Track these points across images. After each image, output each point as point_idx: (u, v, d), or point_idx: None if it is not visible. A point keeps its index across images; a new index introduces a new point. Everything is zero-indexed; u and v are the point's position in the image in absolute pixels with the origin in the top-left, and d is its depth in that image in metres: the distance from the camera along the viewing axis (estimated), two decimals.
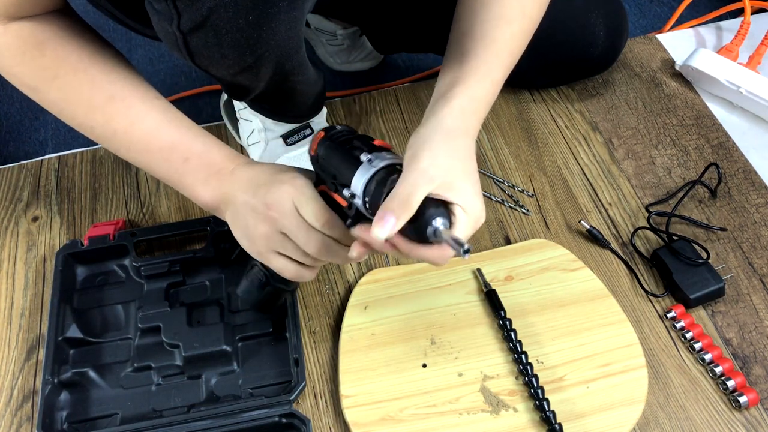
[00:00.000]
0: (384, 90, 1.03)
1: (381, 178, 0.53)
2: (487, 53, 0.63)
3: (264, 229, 0.60)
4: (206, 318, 0.78)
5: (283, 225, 0.59)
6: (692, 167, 0.89)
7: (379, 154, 0.55)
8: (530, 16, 0.65)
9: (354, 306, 0.77)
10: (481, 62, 0.62)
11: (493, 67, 0.63)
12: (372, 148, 0.56)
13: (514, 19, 0.64)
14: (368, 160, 0.54)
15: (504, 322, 0.73)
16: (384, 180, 0.53)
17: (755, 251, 0.81)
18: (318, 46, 1.13)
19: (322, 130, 0.60)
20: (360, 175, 0.54)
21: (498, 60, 0.63)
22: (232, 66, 0.60)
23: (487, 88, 0.62)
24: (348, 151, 0.56)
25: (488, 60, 0.63)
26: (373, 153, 0.55)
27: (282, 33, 0.58)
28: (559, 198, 0.88)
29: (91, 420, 0.72)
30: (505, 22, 0.64)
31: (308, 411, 0.72)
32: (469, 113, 0.60)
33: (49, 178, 0.94)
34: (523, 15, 0.64)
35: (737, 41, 0.99)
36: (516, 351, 0.71)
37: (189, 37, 0.55)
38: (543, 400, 0.67)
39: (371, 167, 0.54)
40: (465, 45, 0.64)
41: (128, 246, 0.81)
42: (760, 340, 0.74)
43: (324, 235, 0.58)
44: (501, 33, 0.63)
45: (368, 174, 0.54)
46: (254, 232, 0.61)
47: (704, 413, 0.70)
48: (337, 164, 0.57)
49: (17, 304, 0.82)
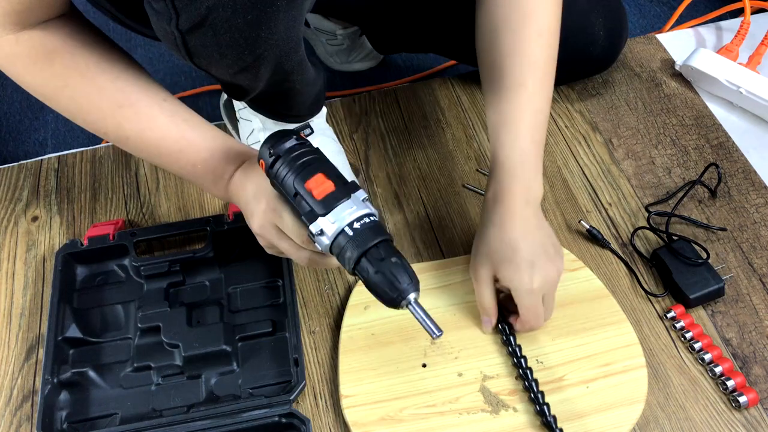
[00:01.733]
0: (384, 90, 1.03)
1: (340, 250, 0.54)
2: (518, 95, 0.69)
3: (260, 241, 0.65)
4: (206, 318, 0.78)
5: (275, 245, 0.63)
6: (692, 167, 0.89)
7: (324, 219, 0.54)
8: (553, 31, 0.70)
9: (354, 306, 0.77)
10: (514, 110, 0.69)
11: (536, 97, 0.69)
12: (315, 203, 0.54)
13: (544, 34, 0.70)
14: (318, 231, 0.54)
15: (503, 327, 0.73)
16: (344, 255, 0.54)
17: (755, 251, 0.81)
18: (318, 45, 1.13)
19: (261, 159, 0.58)
20: (320, 243, 0.55)
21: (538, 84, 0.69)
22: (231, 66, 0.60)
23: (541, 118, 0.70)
24: (296, 205, 0.56)
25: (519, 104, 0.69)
26: (320, 217, 0.54)
27: (281, 33, 0.58)
28: (558, 198, 0.88)
29: (90, 420, 0.72)
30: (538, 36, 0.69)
31: (308, 411, 0.72)
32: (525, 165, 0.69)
33: (48, 178, 0.94)
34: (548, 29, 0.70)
35: (737, 41, 0.99)
36: (515, 355, 0.71)
37: (188, 36, 0.56)
38: (543, 404, 0.67)
39: (324, 238, 0.54)
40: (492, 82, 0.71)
41: (128, 246, 0.81)
42: (760, 340, 0.74)
43: (310, 251, 0.60)
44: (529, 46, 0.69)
45: (325, 243, 0.54)
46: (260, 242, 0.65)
47: (704, 413, 0.70)
48: (294, 210, 0.57)
49: (17, 303, 0.82)
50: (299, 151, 0.56)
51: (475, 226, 0.85)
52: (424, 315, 0.54)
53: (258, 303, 0.79)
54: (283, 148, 0.56)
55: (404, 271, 0.53)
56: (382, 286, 0.53)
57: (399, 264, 0.53)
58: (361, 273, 0.54)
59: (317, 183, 0.54)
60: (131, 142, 0.66)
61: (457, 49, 0.97)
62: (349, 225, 0.53)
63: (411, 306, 0.54)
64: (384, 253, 0.53)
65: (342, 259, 0.55)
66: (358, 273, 0.54)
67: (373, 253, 0.53)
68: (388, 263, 0.53)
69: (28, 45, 0.60)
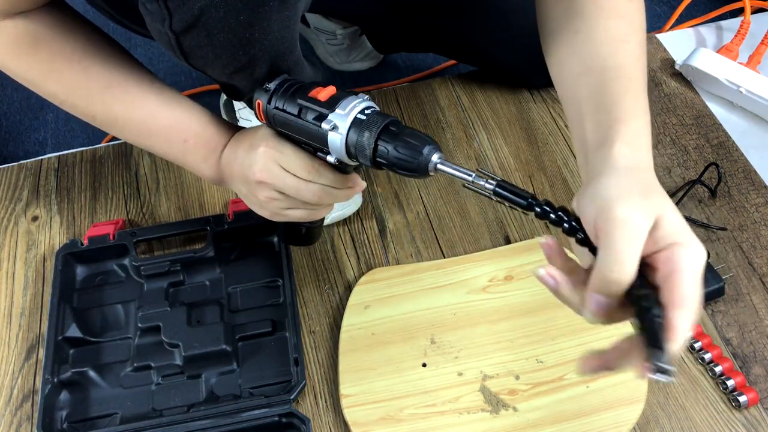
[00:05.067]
0: (384, 90, 1.03)
1: (356, 141, 0.54)
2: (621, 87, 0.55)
3: (264, 194, 0.63)
4: (206, 318, 0.78)
5: (278, 186, 0.62)
6: (692, 167, 0.89)
7: (335, 112, 0.55)
8: (639, 25, 0.60)
9: (354, 305, 0.77)
10: (620, 101, 0.54)
11: (636, 103, 0.55)
12: (321, 104, 0.56)
13: (629, 36, 0.58)
14: (332, 127, 0.55)
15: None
16: (362, 141, 0.54)
17: (755, 251, 0.81)
18: (318, 45, 1.13)
19: (257, 99, 0.60)
20: (334, 146, 0.56)
21: (635, 90, 0.55)
22: (227, 66, 0.60)
23: (642, 127, 0.53)
24: (298, 119, 0.57)
25: (627, 96, 0.54)
26: (330, 113, 0.55)
27: (275, 33, 0.58)
28: (559, 198, 0.88)
29: (90, 419, 0.72)
30: (622, 43, 0.57)
31: (308, 411, 0.72)
32: (641, 148, 0.52)
33: (48, 178, 0.94)
34: (633, 28, 0.59)
35: (737, 41, 0.99)
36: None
37: (181, 37, 0.56)
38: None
39: (338, 134, 0.55)
40: (590, 84, 0.57)
41: (128, 245, 0.81)
42: (760, 339, 0.74)
43: (321, 185, 0.61)
44: (623, 57, 0.56)
45: (339, 143, 0.55)
46: (257, 200, 0.65)
47: (704, 413, 0.70)
48: (300, 134, 0.59)
49: (17, 303, 0.82)
50: (293, 80, 0.60)
51: (475, 225, 0.85)
52: (454, 170, 0.51)
53: (258, 303, 0.79)
54: (279, 80, 0.60)
55: (422, 137, 0.53)
56: (406, 158, 0.52)
57: (414, 133, 0.53)
58: (382, 156, 0.53)
59: (319, 91, 0.56)
60: (119, 123, 0.66)
61: (457, 49, 0.97)
62: (361, 112, 0.55)
63: (438, 167, 0.52)
64: (397, 129, 0.54)
65: (360, 149, 0.54)
66: (379, 157, 0.54)
67: (388, 132, 0.53)
68: (403, 136, 0.53)
69: (12, 32, 0.61)
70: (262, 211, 0.67)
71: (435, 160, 0.52)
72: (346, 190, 0.64)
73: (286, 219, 0.67)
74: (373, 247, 0.84)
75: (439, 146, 0.53)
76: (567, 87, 0.60)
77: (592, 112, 0.55)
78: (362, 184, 0.65)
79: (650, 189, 0.48)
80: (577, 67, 0.59)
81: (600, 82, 0.56)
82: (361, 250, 0.84)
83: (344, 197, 0.64)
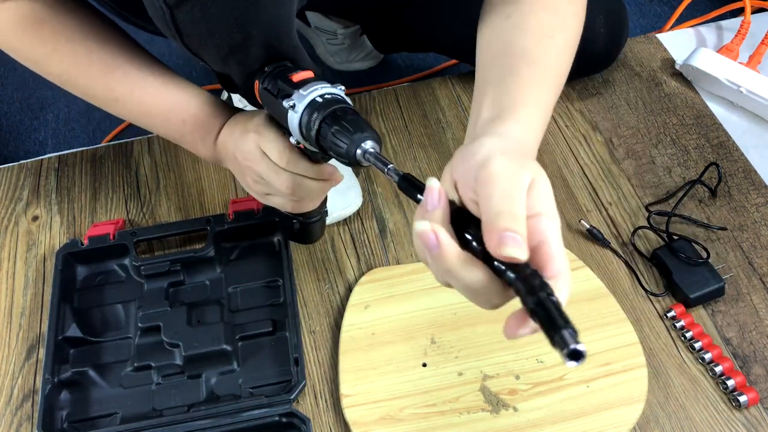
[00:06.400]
0: (384, 89, 1.03)
1: (307, 121, 0.55)
2: (531, 75, 0.56)
3: (249, 177, 0.65)
4: (206, 317, 0.78)
5: (257, 171, 0.63)
6: (692, 167, 0.89)
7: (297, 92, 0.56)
8: (571, 26, 0.61)
9: (354, 305, 0.77)
10: (525, 86, 0.56)
11: (541, 93, 0.56)
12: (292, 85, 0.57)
13: (556, 32, 0.59)
14: (290, 106, 0.55)
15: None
16: (310, 122, 0.54)
17: (755, 251, 0.81)
18: (318, 45, 1.14)
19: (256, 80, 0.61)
20: (292, 125, 0.56)
21: (544, 82, 0.57)
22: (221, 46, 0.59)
23: (538, 115, 0.55)
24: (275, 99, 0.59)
25: (533, 84, 0.56)
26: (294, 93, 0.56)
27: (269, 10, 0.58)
28: (559, 197, 0.88)
29: (91, 419, 0.72)
30: (546, 37, 0.59)
31: (308, 410, 0.72)
32: (529, 131, 0.53)
33: (49, 178, 0.94)
34: (563, 27, 0.60)
35: (737, 41, 0.99)
36: None
37: (176, 11, 0.55)
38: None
39: (294, 113, 0.55)
40: (504, 66, 0.58)
41: (128, 245, 0.81)
42: (760, 339, 0.74)
43: (291, 173, 0.62)
44: (544, 50, 0.58)
45: (295, 122, 0.56)
46: (245, 181, 0.67)
47: (704, 412, 0.70)
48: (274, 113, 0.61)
49: (17, 303, 0.82)
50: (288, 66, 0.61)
51: None
52: (381, 164, 0.50)
53: (258, 302, 0.79)
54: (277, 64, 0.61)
55: (362, 126, 0.52)
56: (338, 142, 0.52)
57: (357, 121, 0.52)
58: (323, 138, 0.54)
59: (298, 74, 0.58)
60: (120, 103, 0.67)
61: (457, 48, 0.97)
62: (321, 96, 0.55)
63: (368, 155, 0.51)
64: (342, 114, 0.53)
65: (308, 130, 0.55)
66: (320, 139, 0.54)
67: (333, 116, 0.53)
68: (344, 121, 0.52)
69: (16, 12, 0.62)
70: (251, 192, 0.68)
71: (366, 148, 0.51)
72: (321, 183, 0.64)
73: (270, 204, 0.68)
74: (374, 247, 0.84)
75: (379, 139, 0.52)
76: (482, 65, 0.61)
77: (495, 91, 0.56)
78: (339, 177, 0.65)
79: (528, 156, 0.50)
80: (498, 49, 0.60)
81: (513, 67, 0.57)
82: (361, 250, 0.84)
83: (319, 191, 0.64)
